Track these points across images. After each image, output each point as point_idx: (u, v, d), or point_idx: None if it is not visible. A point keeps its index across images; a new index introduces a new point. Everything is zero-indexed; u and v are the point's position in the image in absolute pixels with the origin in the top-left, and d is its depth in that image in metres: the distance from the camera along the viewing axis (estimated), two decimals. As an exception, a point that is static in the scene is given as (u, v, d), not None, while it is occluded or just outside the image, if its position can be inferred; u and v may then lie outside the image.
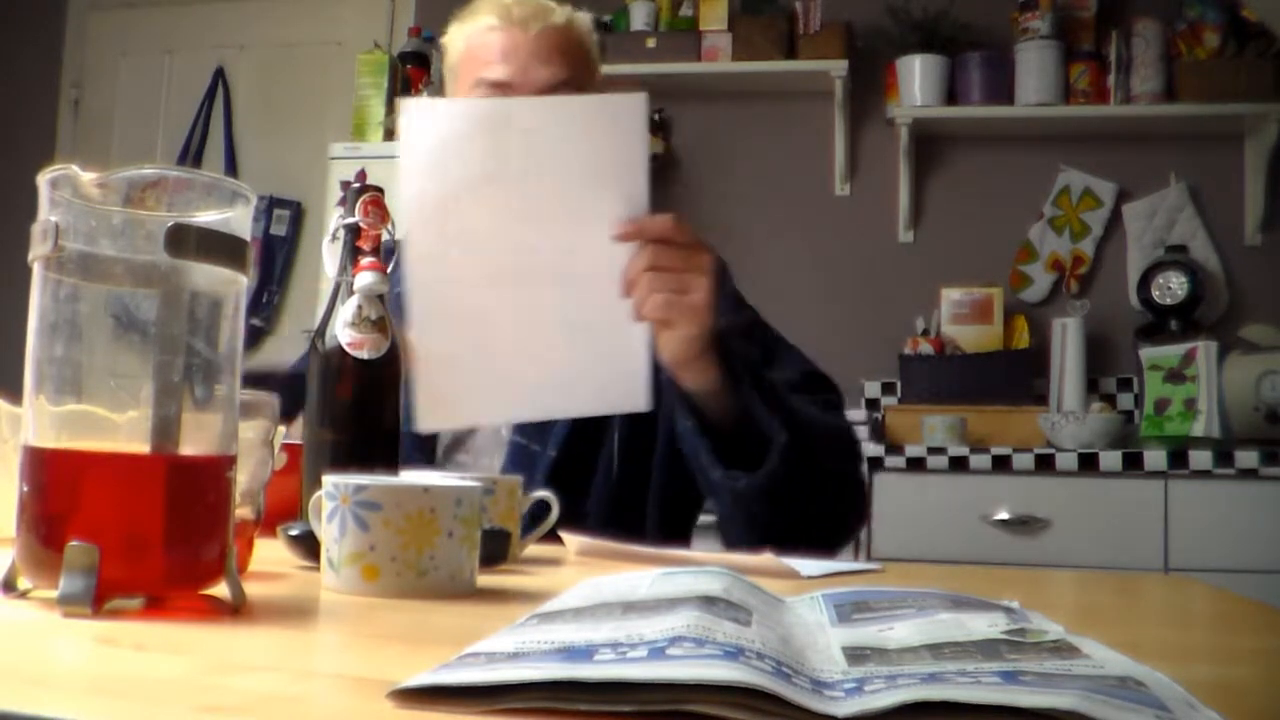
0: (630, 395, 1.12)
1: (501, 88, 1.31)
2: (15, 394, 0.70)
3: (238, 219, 0.63)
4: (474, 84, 1.33)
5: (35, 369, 0.60)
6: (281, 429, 0.89)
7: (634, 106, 1.07)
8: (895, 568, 1.09)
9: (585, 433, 1.31)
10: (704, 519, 1.41)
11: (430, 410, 1.10)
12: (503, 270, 1.10)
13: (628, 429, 1.32)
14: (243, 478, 0.78)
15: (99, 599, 0.57)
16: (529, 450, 1.32)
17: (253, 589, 0.67)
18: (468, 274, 1.10)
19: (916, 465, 2.57)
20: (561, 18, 1.37)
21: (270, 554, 0.87)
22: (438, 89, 3.15)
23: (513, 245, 1.09)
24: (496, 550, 0.92)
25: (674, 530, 1.38)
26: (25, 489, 0.60)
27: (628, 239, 1.08)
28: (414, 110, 1.09)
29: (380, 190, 1.02)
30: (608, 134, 1.08)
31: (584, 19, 1.41)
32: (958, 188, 3.25)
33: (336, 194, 2.93)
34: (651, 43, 3.21)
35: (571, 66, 1.34)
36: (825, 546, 1.21)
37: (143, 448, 0.60)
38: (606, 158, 1.08)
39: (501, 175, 1.08)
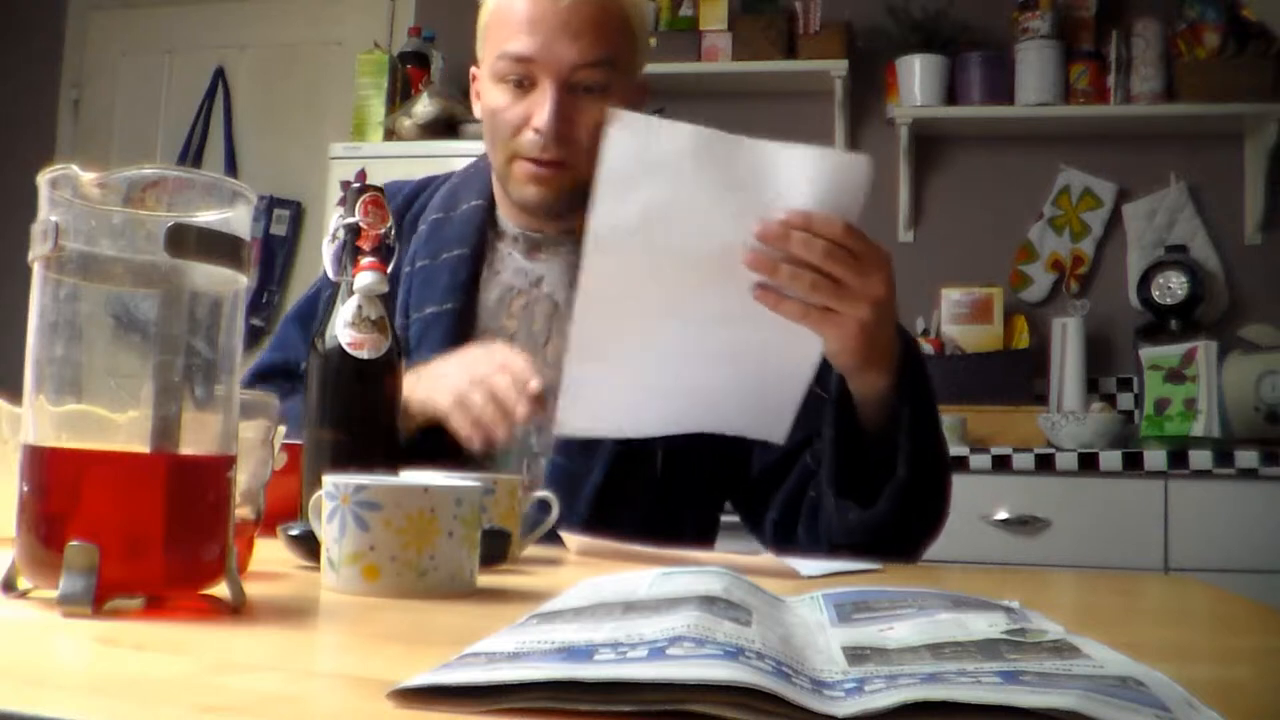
0: (771, 427, 1.11)
1: (524, 63, 1.22)
2: (15, 394, 0.70)
3: (238, 219, 0.63)
4: (498, 56, 1.24)
5: (35, 369, 0.60)
6: (282, 429, 0.89)
7: (860, 168, 1.03)
8: (895, 568, 1.09)
9: (630, 454, 1.23)
10: (726, 519, 1.40)
11: (572, 414, 1.09)
12: (681, 300, 1.06)
13: (671, 444, 1.24)
14: (243, 478, 0.78)
15: (99, 599, 0.57)
16: (570, 471, 1.23)
17: (253, 589, 0.67)
18: (644, 298, 1.06)
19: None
20: None
21: (270, 554, 0.87)
22: (439, 86, 3.15)
23: (698, 278, 1.04)
24: (496, 550, 0.92)
25: (706, 534, 1.36)
26: (25, 489, 0.60)
27: (776, 231, 1.01)
28: (622, 124, 1.01)
29: (380, 190, 1.02)
30: (827, 189, 1.02)
31: None
32: (958, 188, 3.25)
33: (336, 194, 2.92)
34: (652, 42, 3.20)
35: (606, 44, 1.23)
36: (902, 558, 1.17)
37: (143, 448, 0.60)
38: (820, 206, 1.02)
39: (703, 207, 1.02)
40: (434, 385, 1.17)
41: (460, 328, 1.29)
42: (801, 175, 1.02)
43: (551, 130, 1.22)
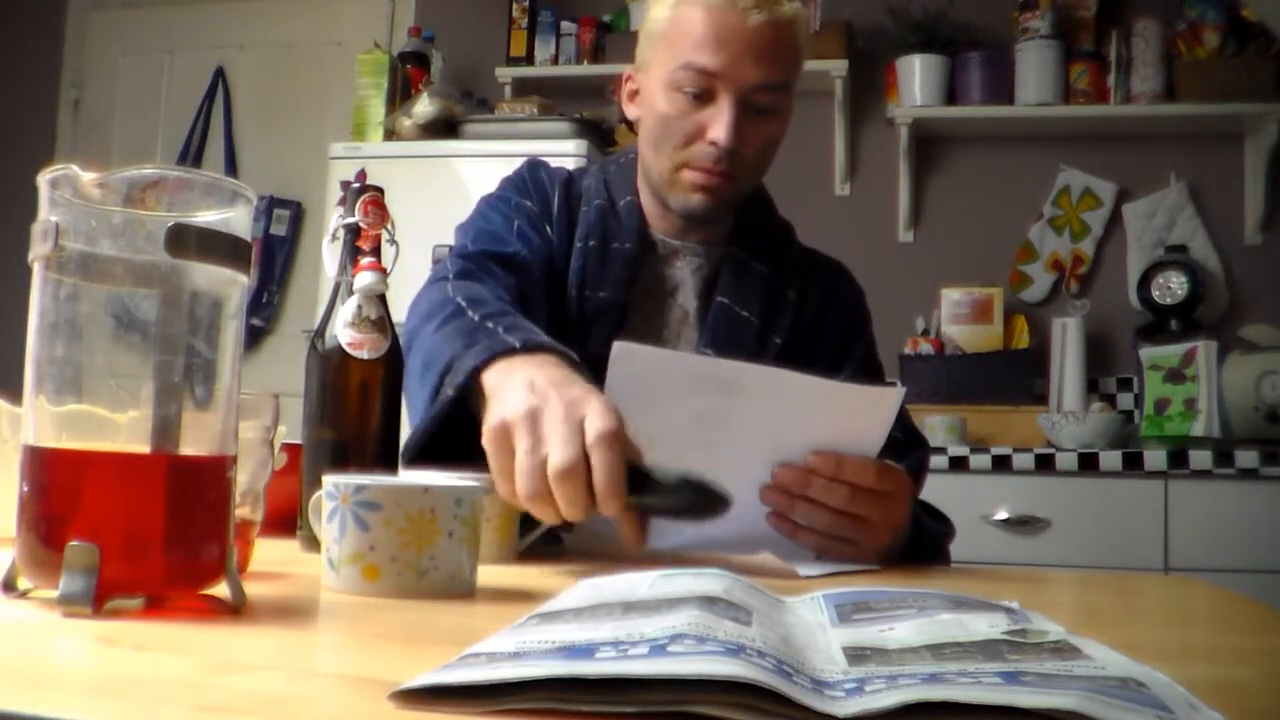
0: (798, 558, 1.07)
1: (707, 76, 1.22)
2: (15, 394, 0.70)
3: (238, 219, 0.63)
4: (680, 65, 1.24)
5: (35, 369, 0.60)
6: (282, 429, 0.89)
7: (890, 401, 1.03)
8: (895, 568, 1.09)
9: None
10: None
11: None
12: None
13: None
14: (243, 478, 0.78)
15: (99, 599, 0.57)
16: None
17: (253, 589, 0.67)
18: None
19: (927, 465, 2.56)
20: (788, 11, 1.24)
21: (270, 554, 0.87)
22: (439, 86, 3.15)
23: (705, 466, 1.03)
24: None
25: None
26: (25, 489, 0.60)
27: (797, 478, 1.01)
28: (624, 356, 0.99)
29: (380, 190, 1.02)
30: (852, 417, 1.02)
31: (805, 12, 1.29)
32: (958, 188, 3.25)
33: (336, 194, 2.93)
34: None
35: (784, 68, 1.26)
36: None
37: (143, 448, 0.60)
38: (838, 436, 1.02)
39: (713, 426, 1.01)
40: (505, 407, 0.91)
41: (623, 320, 1.31)
42: (823, 404, 1.02)
43: (730, 144, 1.24)
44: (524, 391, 0.90)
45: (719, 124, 1.23)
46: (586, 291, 1.30)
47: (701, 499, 0.86)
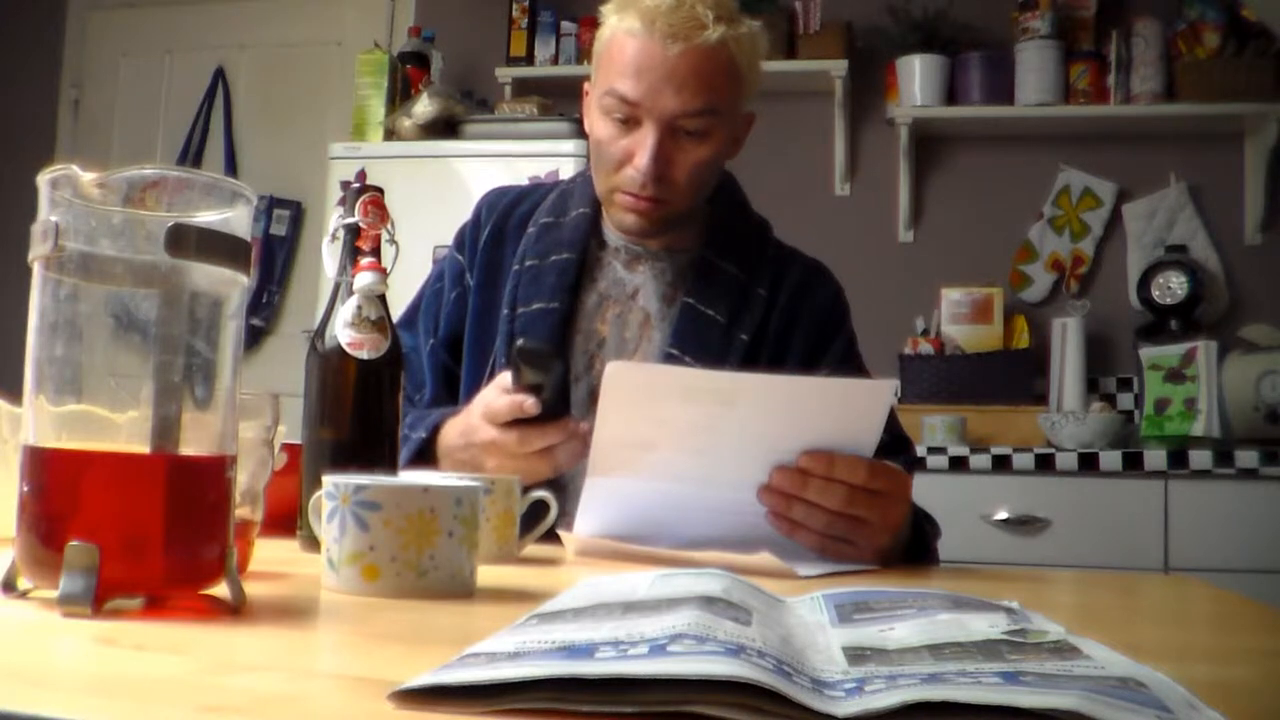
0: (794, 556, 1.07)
1: (629, 104, 1.25)
2: (15, 394, 0.70)
3: (238, 219, 0.63)
4: (605, 91, 1.27)
5: (35, 369, 0.60)
6: (282, 429, 0.89)
7: (880, 393, 1.03)
8: (895, 568, 1.09)
9: None
10: None
11: (585, 520, 1.09)
12: (684, 492, 1.06)
13: None
14: (243, 478, 0.78)
15: (99, 599, 0.57)
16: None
17: (253, 589, 0.67)
18: (659, 443, 1.05)
19: (916, 465, 2.56)
20: (713, 37, 1.23)
21: (270, 554, 0.87)
22: (439, 86, 3.15)
23: (703, 478, 1.05)
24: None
25: None
26: (25, 489, 0.60)
27: (793, 481, 1.02)
28: (616, 374, 1.03)
29: (380, 190, 1.02)
30: (844, 413, 1.02)
31: (743, 36, 1.28)
32: (958, 188, 3.24)
33: (336, 194, 2.93)
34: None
35: (710, 94, 1.25)
36: None
37: (143, 448, 0.60)
38: (835, 434, 1.02)
39: (710, 432, 1.03)
40: (470, 460, 1.18)
41: (562, 326, 1.33)
42: (818, 403, 1.03)
43: (651, 173, 1.26)
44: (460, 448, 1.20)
45: (641, 152, 1.26)
46: (519, 309, 1.34)
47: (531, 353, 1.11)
